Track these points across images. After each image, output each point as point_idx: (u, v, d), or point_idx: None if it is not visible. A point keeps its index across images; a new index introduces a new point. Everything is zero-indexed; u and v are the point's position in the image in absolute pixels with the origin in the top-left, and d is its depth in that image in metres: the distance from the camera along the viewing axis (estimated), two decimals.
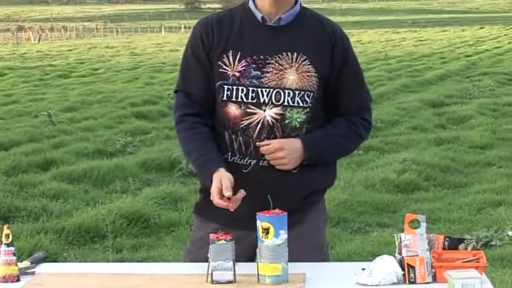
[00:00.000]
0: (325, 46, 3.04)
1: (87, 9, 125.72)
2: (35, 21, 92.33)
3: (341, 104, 3.10)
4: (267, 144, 2.95)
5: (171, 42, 50.62)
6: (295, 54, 2.99)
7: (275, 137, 2.99)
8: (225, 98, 3.00)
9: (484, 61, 29.42)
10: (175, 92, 3.15)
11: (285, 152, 2.95)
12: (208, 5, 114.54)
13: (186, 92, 3.08)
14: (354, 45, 3.23)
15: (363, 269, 2.74)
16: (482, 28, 63.47)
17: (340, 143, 3.11)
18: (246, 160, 3.02)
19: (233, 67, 3.00)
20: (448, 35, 54.11)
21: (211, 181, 2.88)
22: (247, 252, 2.91)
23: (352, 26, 64.12)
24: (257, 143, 2.97)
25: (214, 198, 2.83)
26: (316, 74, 3.01)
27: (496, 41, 43.81)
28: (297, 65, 2.99)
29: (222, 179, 2.84)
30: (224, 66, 3.00)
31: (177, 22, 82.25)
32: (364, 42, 44.89)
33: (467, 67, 27.02)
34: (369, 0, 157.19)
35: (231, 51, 3.00)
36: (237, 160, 3.02)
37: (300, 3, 3.09)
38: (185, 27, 70.80)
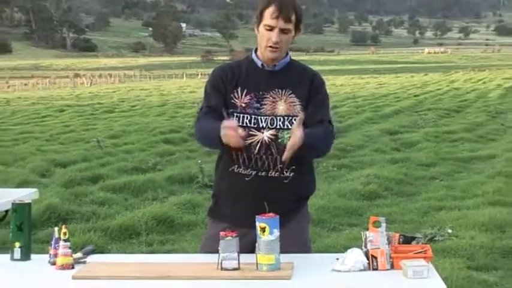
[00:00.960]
0: (306, 84, 3.10)
1: (127, 61, 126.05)
2: (88, 70, 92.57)
3: (309, 117, 3.04)
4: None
5: (191, 86, 50.73)
6: (284, 90, 3.06)
7: (271, 153, 3.03)
8: None
9: (429, 100, 29.49)
10: (198, 112, 3.17)
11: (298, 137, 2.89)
12: (219, 57, 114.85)
13: (208, 106, 3.10)
14: (329, 87, 3.27)
15: (337, 259, 2.73)
16: (426, 75, 63.59)
17: (318, 134, 3.03)
18: (248, 171, 3.05)
19: (241, 100, 3.06)
20: (401, 80, 54.24)
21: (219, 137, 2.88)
22: (248, 246, 2.89)
23: (328, 73, 64.16)
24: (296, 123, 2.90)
25: (233, 134, 2.83)
26: (299, 103, 3.06)
27: (438, 85, 43.93)
28: (285, 97, 3.06)
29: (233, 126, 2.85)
30: (234, 99, 3.06)
31: (195, 70, 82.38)
32: (337, 86, 44.95)
33: (415, 104, 27.07)
34: (340, 54, 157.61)
35: (239, 88, 3.07)
36: (241, 171, 3.05)
37: (290, 56, 3.15)
38: (201, 74, 70.89)
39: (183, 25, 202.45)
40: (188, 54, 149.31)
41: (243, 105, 3.05)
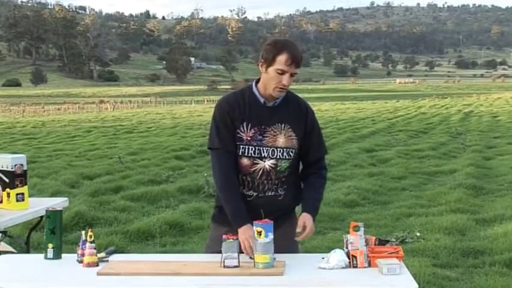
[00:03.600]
0: (302, 120, 3.09)
1: (144, 89, 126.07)
2: (111, 97, 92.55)
3: (310, 155, 3.14)
4: (304, 231, 2.96)
5: (198, 110, 50.67)
6: (284, 124, 3.04)
7: (271, 178, 3.03)
8: (240, 154, 3.03)
9: (400, 122, 29.53)
10: (211, 148, 3.06)
11: (310, 228, 2.98)
12: (222, 86, 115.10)
13: (224, 148, 3.02)
14: (315, 112, 3.25)
15: (323, 258, 2.73)
16: (398, 102, 63.72)
17: (320, 197, 3.17)
18: (250, 192, 3.04)
19: (246, 133, 3.02)
20: (376, 105, 54.33)
21: (237, 230, 2.88)
22: None
23: (315, 99, 64.29)
24: (297, 231, 2.96)
25: (247, 248, 2.82)
26: (296, 138, 3.06)
27: (407, 110, 44.03)
28: (284, 132, 3.04)
29: (250, 239, 2.80)
30: (241, 133, 3.02)
31: (202, 97, 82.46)
32: (322, 110, 44.98)
33: (389, 126, 27.11)
34: (325, 84, 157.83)
35: (245, 123, 3.02)
36: (244, 192, 3.05)
37: None
38: (207, 101, 70.96)
39: (192, 59, 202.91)
40: (196, 84, 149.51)
41: (248, 138, 3.02)
